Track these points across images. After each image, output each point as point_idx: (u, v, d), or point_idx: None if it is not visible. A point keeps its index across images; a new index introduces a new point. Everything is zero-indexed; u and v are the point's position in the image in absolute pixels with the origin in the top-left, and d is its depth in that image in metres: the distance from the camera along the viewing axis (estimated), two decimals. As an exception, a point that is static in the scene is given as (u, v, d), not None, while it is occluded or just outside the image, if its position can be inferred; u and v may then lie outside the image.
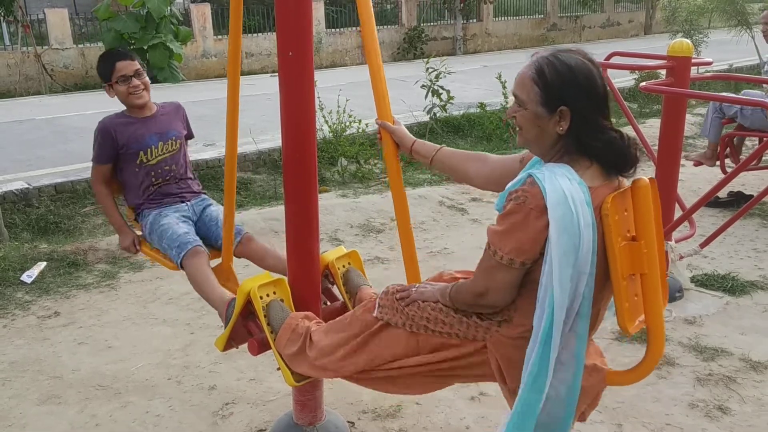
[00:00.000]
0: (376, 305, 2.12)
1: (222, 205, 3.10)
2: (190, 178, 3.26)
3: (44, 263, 4.67)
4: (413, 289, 2.06)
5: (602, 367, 1.93)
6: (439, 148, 2.33)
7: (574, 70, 1.74)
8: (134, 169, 3.08)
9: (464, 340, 1.94)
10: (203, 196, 3.28)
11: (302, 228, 2.45)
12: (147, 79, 3.11)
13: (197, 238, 2.96)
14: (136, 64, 3.04)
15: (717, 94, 5.52)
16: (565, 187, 1.68)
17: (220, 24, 16.33)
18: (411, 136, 2.38)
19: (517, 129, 1.87)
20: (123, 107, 3.15)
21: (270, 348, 2.43)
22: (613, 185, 1.80)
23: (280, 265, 2.92)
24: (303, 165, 2.38)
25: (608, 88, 1.85)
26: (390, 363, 2.07)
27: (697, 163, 6.05)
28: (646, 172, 6.49)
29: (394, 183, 2.38)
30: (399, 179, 2.39)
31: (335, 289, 2.77)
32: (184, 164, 3.22)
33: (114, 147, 3.05)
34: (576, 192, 1.69)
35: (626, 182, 1.84)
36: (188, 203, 3.17)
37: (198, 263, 2.82)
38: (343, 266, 2.72)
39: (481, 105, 8.73)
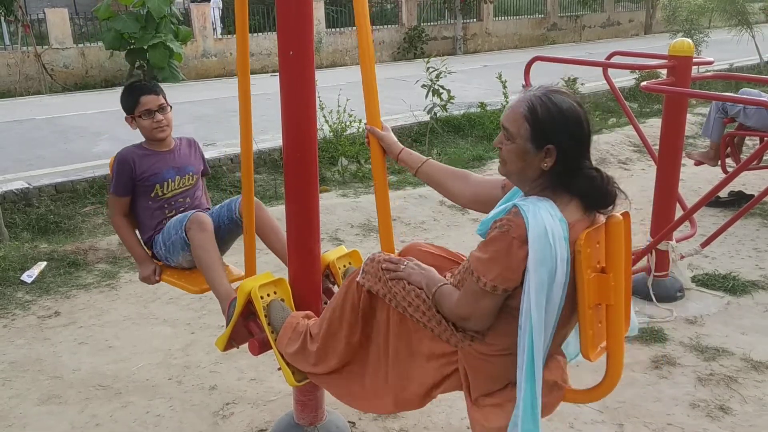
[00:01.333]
0: (360, 270, 2.14)
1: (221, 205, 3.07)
2: (206, 208, 3.18)
3: (44, 263, 4.67)
4: (402, 266, 2.09)
5: (562, 385, 2.00)
6: (425, 160, 2.39)
7: (564, 113, 1.82)
8: (148, 202, 3.01)
9: (438, 338, 2.00)
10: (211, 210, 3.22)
11: (303, 228, 2.45)
12: (170, 114, 3.04)
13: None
14: (161, 99, 2.99)
15: (718, 93, 5.52)
16: (547, 222, 1.75)
17: (225, 23, 16.33)
18: (398, 143, 2.44)
19: (501, 160, 1.93)
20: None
21: (271, 348, 2.43)
22: (590, 219, 1.87)
23: (282, 249, 2.84)
24: (304, 165, 2.37)
25: (612, 90, 1.89)
26: (373, 336, 2.13)
27: (698, 163, 6.04)
28: (647, 171, 6.50)
29: (378, 186, 2.46)
30: (384, 183, 2.45)
31: (336, 289, 2.77)
32: (199, 197, 3.16)
33: (132, 177, 2.98)
34: (556, 228, 1.76)
35: (601, 219, 1.90)
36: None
37: (202, 237, 2.74)
38: (344, 266, 2.72)
39: (482, 105, 8.73)
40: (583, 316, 1.86)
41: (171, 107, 3.07)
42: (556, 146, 1.81)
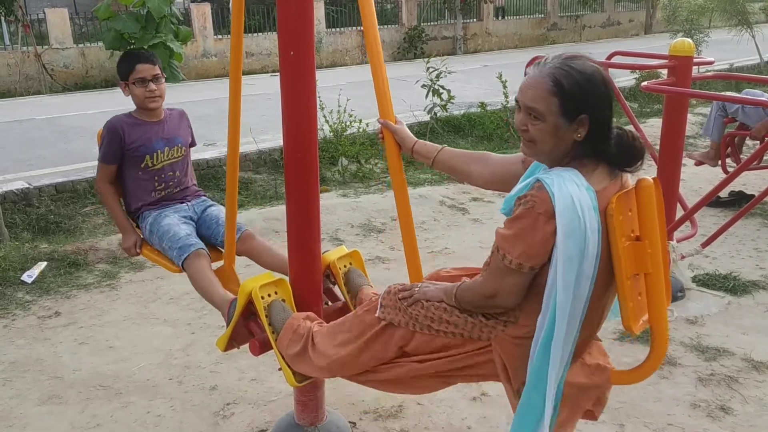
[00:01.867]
0: (378, 305, 2.11)
1: (222, 205, 3.09)
2: (192, 183, 3.26)
3: (45, 263, 4.67)
4: (416, 289, 2.06)
5: (606, 366, 1.93)
6: (441, 148, 2.32)
7: (590, 79, 1.75)
8: (137, 172, 3.05)
9: (468, 340, 1.95)
10: (203, 197, 3.27)
11: (304, 228, 2.44)
12: (164, 85, 3.08)
13: (199, 240, 2.94)
14: (156, 69, 3.02)
15: (719, 93, 5.52)
16: (573, 192, 1.69)
17: (221, 24, 16.33)
18: (412, 136, 2.36)
19: (527, 141, 1.84)
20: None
21: (271, 348, 2.43)
22: (618, 184, 1.80)
23: (280, 263, 2.91)
24: (304, 164, 2.37)
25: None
26: (392, 363, 2.07)
27: (699, 163, 6.04)
28: (647, 171, 6.47)
29: (396, 182, 2.36)
30: (402, 178, 2.36)
31: (336, 289, 2.77)
32: (186, 170, 3.22)
33: (121, 146, 3.02)
34: (584, 198, 1.70)
35: (630, 182, 1.85)
36: (188, 204, 3.16)
37: (199, 266, 2.81)
38: (345, 266, 2.72)
39: (482, 104, 8.73)
40: (622, 287, 1.77)
41: (165, 78, 3.12)
42: (589, 115, 1.74)
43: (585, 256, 1.69)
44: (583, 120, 1.75)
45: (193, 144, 3.31)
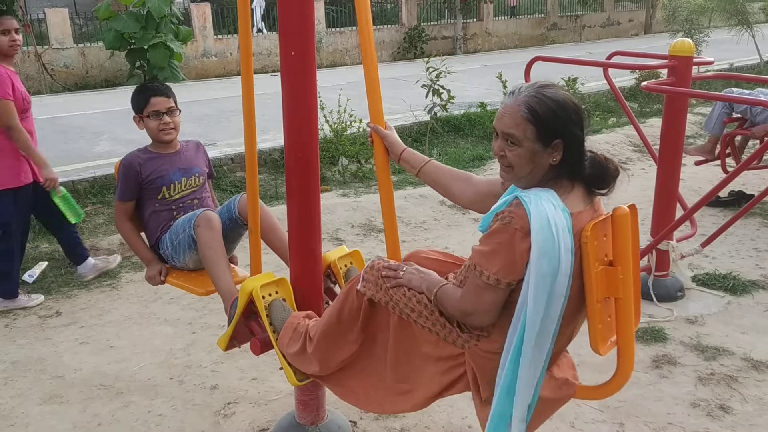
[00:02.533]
0: (360, 278, 2.14)
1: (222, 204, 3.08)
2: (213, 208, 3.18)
3: (46, 263, 4.68)
4: (401, 272, 2.08)
5: (573, 382, 2.01)
6: (428, 160, 2.37)
7: (562, 105, 1.83)
8: (155, 204, 3.02)
9: (443, 342, 2.00)
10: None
11: (305, 228, 2.45)
12: (178, 118, 3.07)
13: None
14: (171, 102, 3.00)
15: (719, 93, 5.52)
16: (549, 212, 1.75)
17: (221, 24, 16.33)
18: (401, 143, 2.42)
19: (505, 167, 1.91)
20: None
21: (272, 348, 2.43)
22: (593, 209, 1.87)
23: (282, 246, 2.83)
24: (306, 164, 2.38)
25: (612, 90, 1.90)
26: (376, 342, 2.13)
27: (699, 162, 6.05)
28: (647, 171, 6.49)
29: (383, 184, 2.44)
30: (388, 181, 2.43)
31: (337, 289, 2.77)
32: (206, 198, 3.16)
33: (138, 182, 2.99)
34: (559, 218, 1.75)
35: (603, 209, 1.91)
36: None
37: (210, 235, 2.73)
38: (345, 266, 2.73)
39: (482, 104, 8.73)
40: (592, 309, 1.84)
41: (180, 111, 3.09)
42: (563, 139, 1.82)
43: (558, 274, 1.75)
44: (557, 144, 1.83)
45: (211, 175, 3.26)
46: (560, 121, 1.81)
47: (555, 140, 1.82)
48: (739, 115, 5.68)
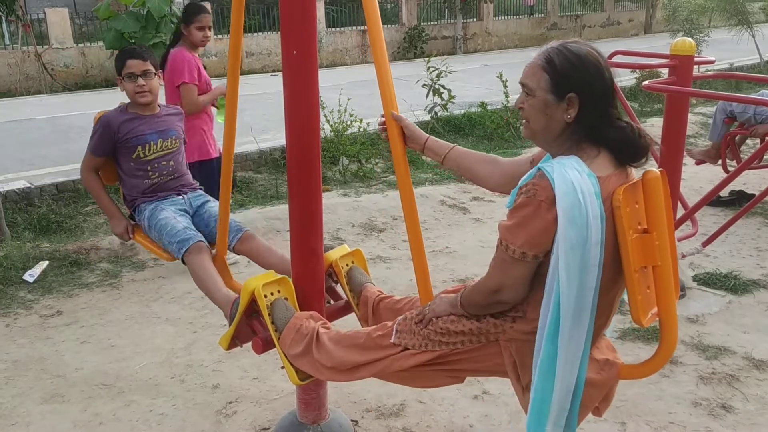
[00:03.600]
0: (393, 331, 2.10)
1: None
2: (187, 174, 3.29)
3: (46, 262, 4.67)
4: (426, 309, 2.06)
5: (615, 362, 1.92)
6: (452, 147, 2.30)
7: (582, 59, 1.76)
8: (130, 163, 3.11)
9: (477, 345, 1.95)
10: (199, 191, 3.29)
11: (306, 227, 2.45)
12: (155, 82, 3.13)
13: (198, 233, 2.95)
14: (147, 65, 3.08)
15: (720, 92, 5.53)
16: (574, 178, 1.68)
17: (220, 23, 16.32)
18: (423, 131, 2.34)
19: (523, 121, 1.88)
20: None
21: (274, 347, 2.43)
22: (623, 175, 1.79)
23: (281, 263, 2.91)
24: (307, 164, 2.38)
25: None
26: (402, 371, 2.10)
27: (699, 162, 6.05)
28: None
29: (402, 179, 2.29)
30: (407, 174, 2.28)
31: (339, 288, 2.77)
32: (181, 161, 3.27)
33: (113, 141, 3.09)
34: (585, 183, 1.68)
35: (635, 174, 1.83)
36: (185, 196, 3.19)
37: (200, 260, 2.82)
38: (347, 265, 2.72)
39: (482, 104, 8.73)
40: (630, 280, 1.75)
41: (159, 75, 3.16)
42: (578, 94, 1.75)
43: (588, 243, 1.68)
44: (572, 99, 1.76)
45: (185, 141, 3.38)
46: (577, 72, 1.75)
47: (569, 94, 1.75)
48: (740, 120, 5.66)
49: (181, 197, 3.17)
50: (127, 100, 3.18)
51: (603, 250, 1.71)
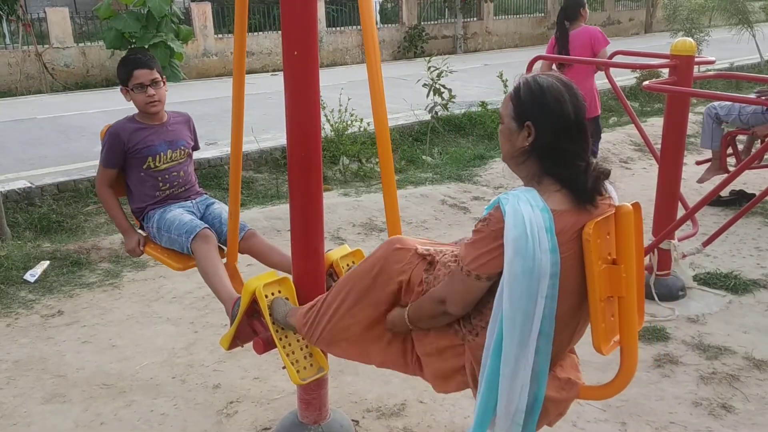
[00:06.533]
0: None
1: (225, 204, 3.11)
2: (196, 183, 3.28)
3: (47, 262, 4.68)
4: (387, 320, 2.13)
5: (576, 382, 2.01)
6: None
7: (544, 90, 1.85)
8: (140, 173, 3.09)
9: (446, 329, 2.02)
10: (205, 195, 3.30)
11: (307, 226, 2.45)
12: (164, 89, 3.10)
13: (204, 223, 2.96)
14: (155, 74, 3.03)
15: (720, 92, 5.52)
16: (525, 213, 1.77)
17: (221, 23, 16.32)
18: None
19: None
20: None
21: (275, 347, 2.44)
22: (585, 210, 1.83)
23: (283, 261, 2.92)
24: (308, 163, 2.38)
25: (614, 89, 1.89)
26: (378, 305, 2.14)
27: (700, 162, 6.03)
28: (648, 171, 6.47)
29: (387, 185, 2.52)
30: (392, 181, 2.48)
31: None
32: (191, 173, 3.25)
33: (123, 152, 3.05)
34: (536, 219, 1.77)
35: (613, 201, 1.90)
36: (192, 201, 3.19)
37: (207, 250, 2.81)
38: (347, 265, 2.73)
39: (483, 104, 8.73)
40: (594, 308, 1.84)
41: (165, 82, 3.13)
42: (533, 122, 1.84)
43: (534, 274, 1.76)
44: (528, 126, 1.86)
45: (196, 148, 3.33)
46: (535, 102, 1.84)
47: (526, 121, 1.85)
48: (729, 124, 5.63)
49: (189, 202, 3.17)
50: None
51: (557, 282, 1.79)
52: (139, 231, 3.21)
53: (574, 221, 1.80)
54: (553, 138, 1.83)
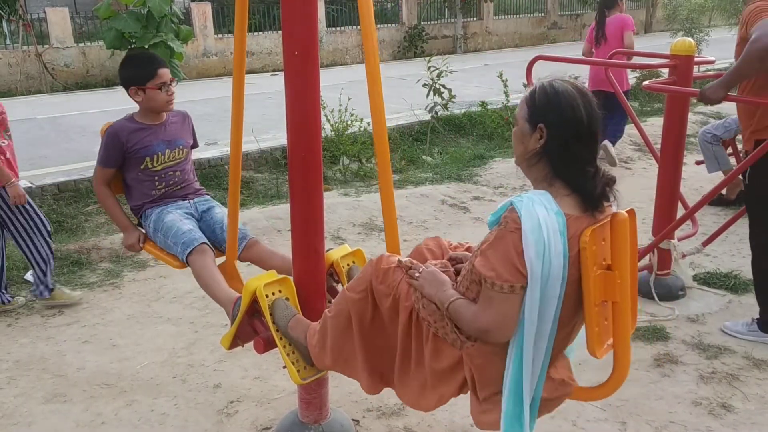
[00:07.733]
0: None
1: (225, 204, 3.11)
2: (194, 182, 3.29)
3: (48, 262, 4.67)
4: (417, 272, 2.06)
5: (570, 383, 2.03)
6: None
7: (558, 94, 1.86)
8: (138, 173, 3.11)
9: (444, 341, 2.01)
10: (205, 195, 3.30)
11: (308, 226, 2.46)
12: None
13: (202, 235, 2.97)
14: (169, 72, 3.09)
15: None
16: (540, 215, 1.77)
17: (221, 23, 16.33)
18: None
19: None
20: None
21: (275, 346, 2.44)
22: (593, 216, 1.85)
23: (284, 265, 2.93)
24: (309, 163, 2.38)
25: (614, 89, 1.89)
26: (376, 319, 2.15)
27: (700, 162, 6.02)
28: (648, 171, 6.46)
29: (384, 185, 2.51)
30: (389, 180, 2.48)
31: (340, 288, 2.78)
32: (189, 171, 3.27)
33: (122, 152, 3.07)
34: (551, 222, 1.77)
35: (607, 213, 1.90)
36: (190, 201, 3.20)
37: (204, 262, 2.84)
38: (348, 264, 2.74)
39: (483, 104, 8.73)
40: (589, 313, 1.86)
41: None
42: (546, 124, 1.85)
43: (550, 277, 1.76)
44: (541, 129, 1.86)
45: (195, 146, 3.35)
46: (550, 105, 1.85)
47: (539, 123, 1.86)
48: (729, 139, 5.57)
49: (186, 201, 3.18)
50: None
51: (564, 284, 1.80)
52: (139, 228, 3.22)
53: (582, 226, 1.82)
54: (564, 141, 1.85)
